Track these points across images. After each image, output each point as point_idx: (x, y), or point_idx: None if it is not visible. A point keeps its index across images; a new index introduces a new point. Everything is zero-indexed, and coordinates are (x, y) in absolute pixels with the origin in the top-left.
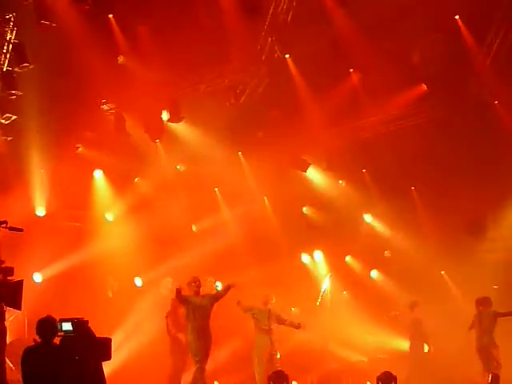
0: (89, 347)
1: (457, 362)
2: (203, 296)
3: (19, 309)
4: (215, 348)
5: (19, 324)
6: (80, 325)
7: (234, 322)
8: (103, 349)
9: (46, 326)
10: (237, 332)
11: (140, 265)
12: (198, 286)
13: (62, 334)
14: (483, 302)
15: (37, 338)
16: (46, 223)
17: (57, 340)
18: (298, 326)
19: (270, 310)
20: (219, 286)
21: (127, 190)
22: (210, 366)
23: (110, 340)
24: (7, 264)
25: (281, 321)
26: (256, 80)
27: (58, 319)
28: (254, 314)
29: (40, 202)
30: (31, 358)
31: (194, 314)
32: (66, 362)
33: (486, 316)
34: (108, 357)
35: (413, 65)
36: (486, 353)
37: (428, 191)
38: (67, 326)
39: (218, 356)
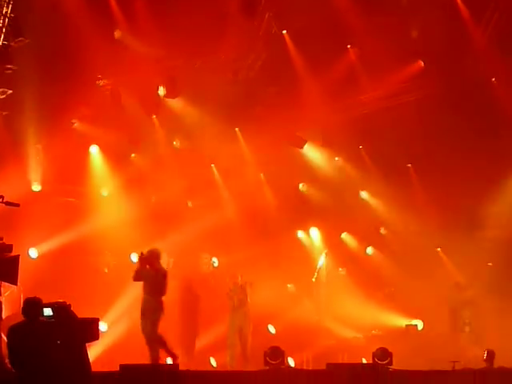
0: (70, 331)
1: (452, 339)
2: None
3: (15, 284)
4: (210, 325)
5: (15, 299)
6: (61, 310)
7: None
8: (89, 330)
9: (31, 306)
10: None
11: (136, 240)
12: None
13: (44, 319)
14: None
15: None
16: (41, 198)
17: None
18: None
19: (241, 286)
20: (215, 262)
21: (123, 165)
22: (205, 342)
23: (97, 320)
24: (4, 240)
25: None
26: (253, 56)
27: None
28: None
29: (36, 178)
30: (14, 336)
31: None
32: (46, 344)
33: None
34: (95, 337)
35: (411, 41)
36: None
37: (425, 168)
38: (48, 312)
39: (214, 333)
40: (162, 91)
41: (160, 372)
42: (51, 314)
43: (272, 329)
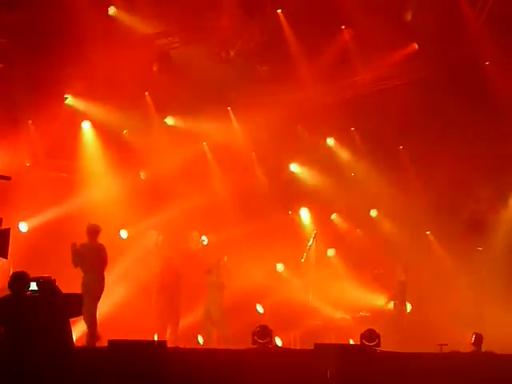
0: (54, 306)
1: (440, 322)
2: None
3: (5, 257)
4: (197, 302)
5: (4, 273)
6: (45, 284)
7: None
8: (73, 305)
9: (17, 281)
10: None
11: (126, 217)
12: None
13: (29, 293)
14: None
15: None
16: (33, 173)
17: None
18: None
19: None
20: (205, 240)
21: (115, 141)
22: (192, 319)
23: (80, 296)
24: None
25: None
26: (247, 35)
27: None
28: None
29: (27, 152)
30: (0, 309)
31: None
32: (31, 318)
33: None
34: (79, 313)
35: (405, 23)
36: None
37: (416, 150)
38: (33, 286)
39: (201, 310)
40: (154, 67)
41: (148, 349)
42: (36, 288)
43: (260, 308)
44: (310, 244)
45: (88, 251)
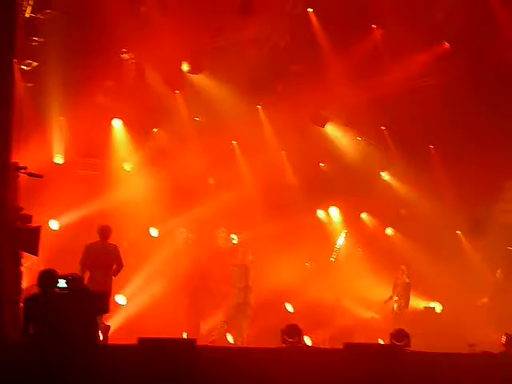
0: (82, 303)
1: (471, 323)
2: None
3: (36, 255)
4: (228, 301)
5: (35, 270)
6: (74, 281)
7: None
8: (100, 303)
9: (46, 278)
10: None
11: (156, 215)
12: None
13: (58, 290)
14: None
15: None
16: (64, 171)
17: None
18: None
19: (246, 267)
20: (235, 238)
21: (145, 140)
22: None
23: (107, 294)
24: (25, 211)
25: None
26: (278, 33)
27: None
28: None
29: (58, 150)
30: (30, 306)
31: None
32: (59, 315)
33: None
34: (105, 310)
35: (436, 22)
36: None
37: (446, 150)
38: (62, 283)
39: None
40: (185, 67)
41: (177, 346)
42: (65, 285)
43: (290, 307)
44: (339, 243)
45: (96, 250)
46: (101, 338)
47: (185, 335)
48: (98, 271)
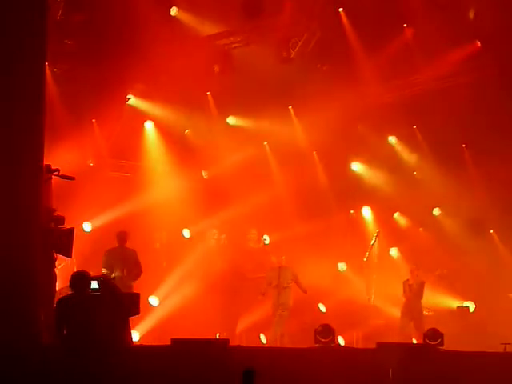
0: (114, 304)
1: (504, 321)
2: None
3: (69, 256)
4: (261, 301)
5: (68, 272)
6: (105, 283)
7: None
8: (131, 304)
9: (79, 280)
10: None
11: (188, 217)
12: None
13: (91, 291)
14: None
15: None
16: (96, 173)
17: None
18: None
19: (280, 268)
20: (267, 239)
21: (177, 141)
22: (255, 319)
23: (138, 295)
24: (58, 213)
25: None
26: (308, 33)
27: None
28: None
29: (91, 152)
30: (63, 307)
31: None
32: (92, 316)
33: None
34: (136, 312)
35: (468, 21)
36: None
37: (479, 149)
38: (94, 285)
39: (263, 309)
40: (216, 68)
41: (211, 347)
42: (97, 286)
43: (322, 307)
44: (372, 243)
45: (115, 256)
46: (133, 338)
47: (217, 336)
48: (114, 273)
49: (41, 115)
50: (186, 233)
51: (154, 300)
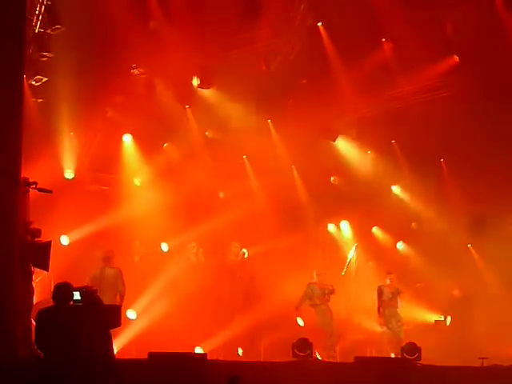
0: (96, 317)
1: (481, 336)
2: None
3: (47, 270)
4: (239, 315)
5: (45, 285)
6: (88, 294)
7: (256, 290)
8: (112, 316)
9: (61, 291)
10: (258, 299)
11: (167, 230)
12: None
13: (72, 303)
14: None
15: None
16: (74, 186)
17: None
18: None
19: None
20: (245, 253)
21: (156, 154)
22: (232, 332)
23: (119, 307)
24: (35, 225)
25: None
26: (287, 47)
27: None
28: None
29: (69, 165)
30: (43, 320)
31: None
32: (73, 329)
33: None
34: (117, 324)
35: (445, 36)
36: None
37: (458, 163)
38: (76, 296)
39: (241, 323)
40: (195, 81)
41: (188, 361)
42: (79, 298)
43: (301, 321)
44: (350, 257)
45: (100, 275)
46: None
47: (198, 349)
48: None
49: (18, 128)
50: (164, 246)
51: (131, 314)
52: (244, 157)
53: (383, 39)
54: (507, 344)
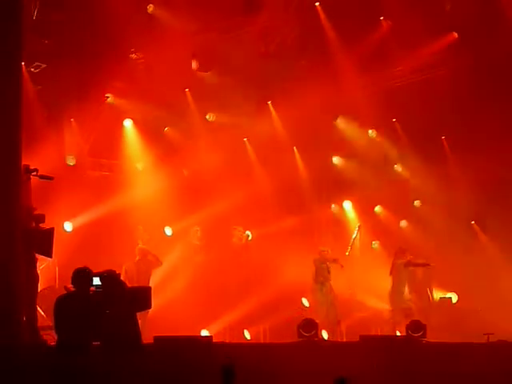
0: (118, 300)
1: (487, 312)
2: None
3: (50, 256)
4: (244, 297)
5: (50, 272)
6: (109, 279)
7: (261, 272)
8: (141, 299)
9: (81, 276)
10: (263, 281)
11: (170, 214)
12: None
13: (93, 288)
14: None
15: (68, 285)
16: (76, 172)
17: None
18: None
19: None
20: (249, 235)
21: (157, 139)
22: (239, 315)
23: (149, 289)
24: (38, 211)
25: None
26: (286, 29)
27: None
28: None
29: (70, 151)
30: (63, 307)
31: None
32: (94, 314)
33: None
34: (147, 306)
35: (444, 13)
36: None
37: (459, 141)
38: (96, 281)
39: (247, 306)
40: (194, 65)
41: (194, 344)
42: (100, 283)
43: (306, 302)
44: (354, 237)
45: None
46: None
47: (204, 332)
48: None
49: (18, 115)
50: (168, 231)
51: None
52: (245, 139)
53: (381, 18)
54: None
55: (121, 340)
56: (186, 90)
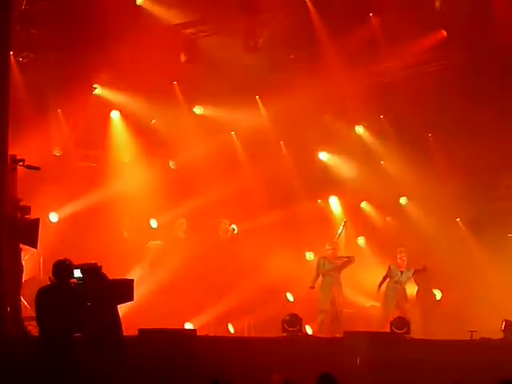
0: (100, 293)
1: (470, 309)
2: None
3: (35, 247)
4: (229, 291)
5: (34, 263)
6: (90, 271)
7: (246, 266)
8: (122, 291)
9: (62, 268)
10: (248, 275)
11: (155, 206)
12: None
13: (74, 280)
14: None
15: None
16: (62, 163)
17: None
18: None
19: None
20: (235, 229)
21: (144, 131)
22: (223, 308)
23: (131, 281)
24: (24, 203)
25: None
26: (275, 22)
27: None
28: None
29: (56, 142)
30: (44, 298)
31: None
32: (75, 306)
33: None
34: (130, 298)
35: (433, 10)
36: None
37: (445, 138)
38: (77, 273)
39: (231, 299)
40: (182, 57)
41: (178, 337)
42: (81, 275)
43: (290, 296)
44: (339, 232)
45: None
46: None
47: (188, 325)
48: None
49: (5, 105)
50: (154, 223)
51: None
52: (232, 133)
53: (371, 14)
54: (495, 318)
55: (102, 332)
56: (174, 82)
